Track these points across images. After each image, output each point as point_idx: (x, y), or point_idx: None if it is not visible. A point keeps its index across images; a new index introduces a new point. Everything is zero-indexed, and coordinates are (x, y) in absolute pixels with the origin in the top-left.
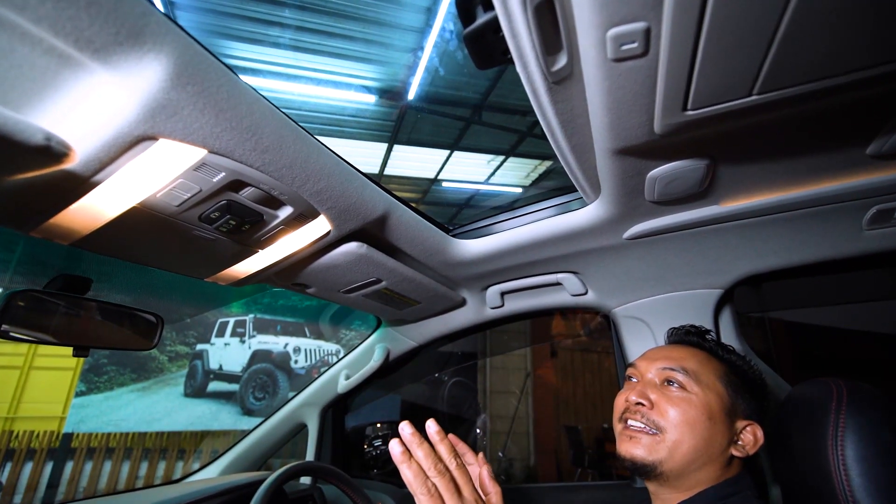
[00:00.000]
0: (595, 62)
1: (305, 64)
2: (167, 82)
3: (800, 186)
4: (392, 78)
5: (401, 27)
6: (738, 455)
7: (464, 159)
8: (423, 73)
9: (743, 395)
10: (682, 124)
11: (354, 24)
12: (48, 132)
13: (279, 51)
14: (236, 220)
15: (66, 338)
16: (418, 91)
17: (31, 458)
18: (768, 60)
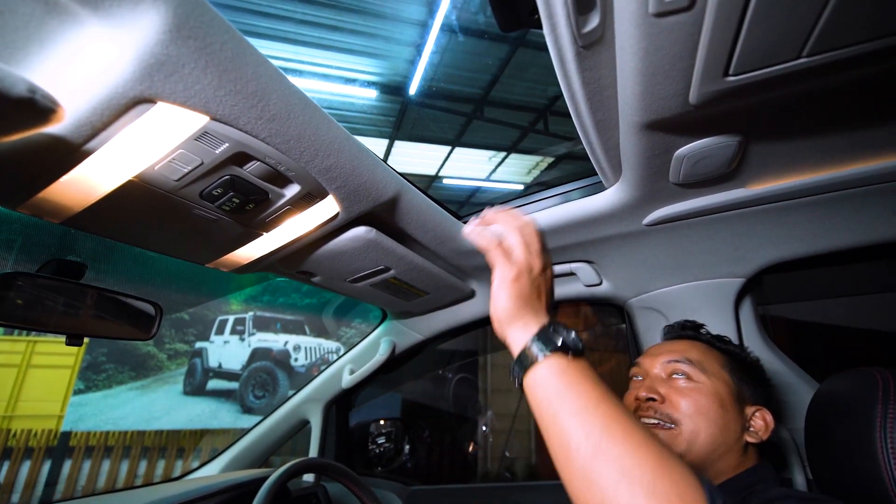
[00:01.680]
0: (633, 19)
1: (305, 58)
2: (166, 35)
3: (832, 167)
4: (393, 72)
5: (402, 20)
6: (752, 441)
7: (465, 156)
8: (424, 67)
9: (746, 381)
10: (720, 93)
11: (355, 17)
12: (31, 83)
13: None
14: (240, 199)
15: (58, 325)
16: (420, 86)
17: (28, 456)
18: (826, 12)
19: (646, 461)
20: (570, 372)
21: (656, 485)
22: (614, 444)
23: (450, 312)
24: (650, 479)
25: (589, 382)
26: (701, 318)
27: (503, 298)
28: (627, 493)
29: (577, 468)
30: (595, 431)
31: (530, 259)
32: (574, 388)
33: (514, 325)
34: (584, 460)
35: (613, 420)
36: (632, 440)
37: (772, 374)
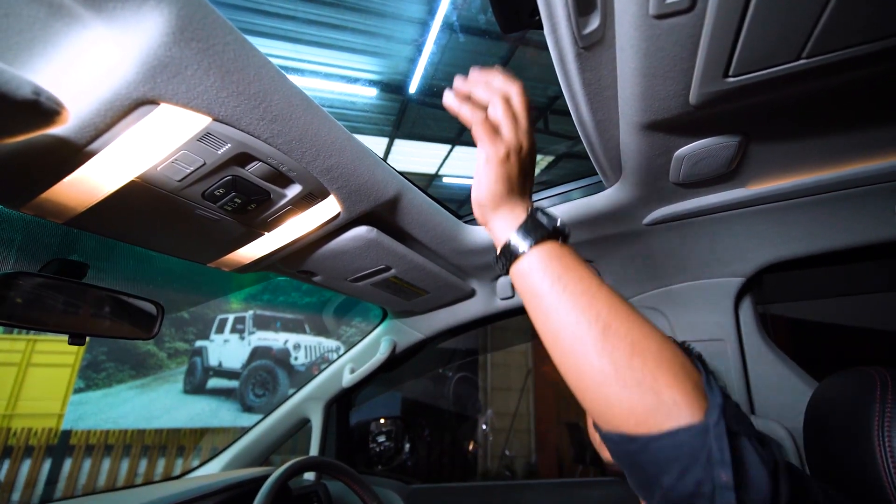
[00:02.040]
0: (633, 20)
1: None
2: (169, 37)
3: (831, 167)
4: (394, 71)
5: (402, 19)
6: None
7: (466, 154)
8: (424, 66)
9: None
10: (721, 94)
11: (355, 15)
12: (37, 85)
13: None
14: (242, 199)
15: (60, 325)
16: (420, 85)
17: (29, 455)
18: (826, 14)
19: (651, 335)
20: (566, 256)
21: (663, 355)
22: (623, 321)
23: (450, 311)
24: (657, 350)
25: (584, 267)
26: (700, 317)
27: (490, 181)
28: (640, 365)
29: (588, 348)
30: (605, 309)
31: (519, 136)
32: (575, 271)
33: (500, 211)
34: (595, 339)
35: (615, 300)
36: (635, 317)
37: (771, 372)
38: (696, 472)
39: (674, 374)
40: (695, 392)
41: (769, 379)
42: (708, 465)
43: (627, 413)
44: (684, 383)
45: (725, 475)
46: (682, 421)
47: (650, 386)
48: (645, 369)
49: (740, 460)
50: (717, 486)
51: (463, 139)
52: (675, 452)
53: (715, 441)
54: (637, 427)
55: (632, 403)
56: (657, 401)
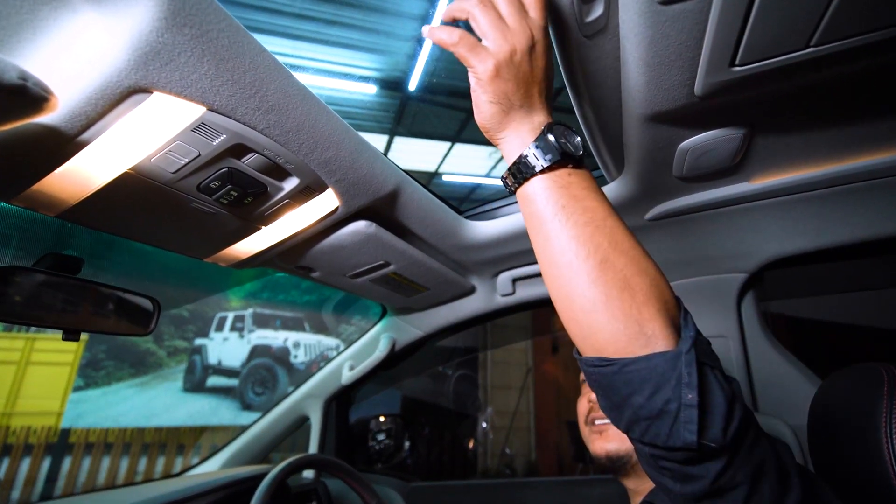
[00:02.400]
0: (638, 7)
1: (304, 53)
2: (161, 23)
3: (837, 161)
4: (393, 68)
5: (402, 15)
6: None
7: (465, 152)
8: (424, 62)
9: None
10: (726, 84)
11: (354, 11)
12: (23, 70)
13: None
14: (238, 192)
15: (54, 320)
16: (420, 81)
17: (28, 453)
18: (834, 2)
19: (645, 272)
20: (574, 184)
21: (652, 292)
22: (620, 255)
23: (450, 308)
24: (648, 287)
25: (592, 196)
26: (703, 313)
27: (483, 105)
28: (630, 298)
29: (582, 277)
30: (605, 242)
31: (511, 39)
32: (582, 202)
33: (505, 132)
34: (591, 269)
35: (617, 233)
36: (633, 252)
37: (774, 369)
38: (665, 391)
39: (657, 309)
40: (672, 326)
41: (772, 376)
42: (677, 386)
43: (610, 340)
44: (665, 318)
45: (691, 395)
46: (658, 349)
47: (635, 318)
48: (633, 303)
49: (705, 385)
50: (683, 404)
51: (463, 136)
52: (649, 374)
53: (685, 367)
54: (616, 353)
55: (615, 332)
56: (639, 331)
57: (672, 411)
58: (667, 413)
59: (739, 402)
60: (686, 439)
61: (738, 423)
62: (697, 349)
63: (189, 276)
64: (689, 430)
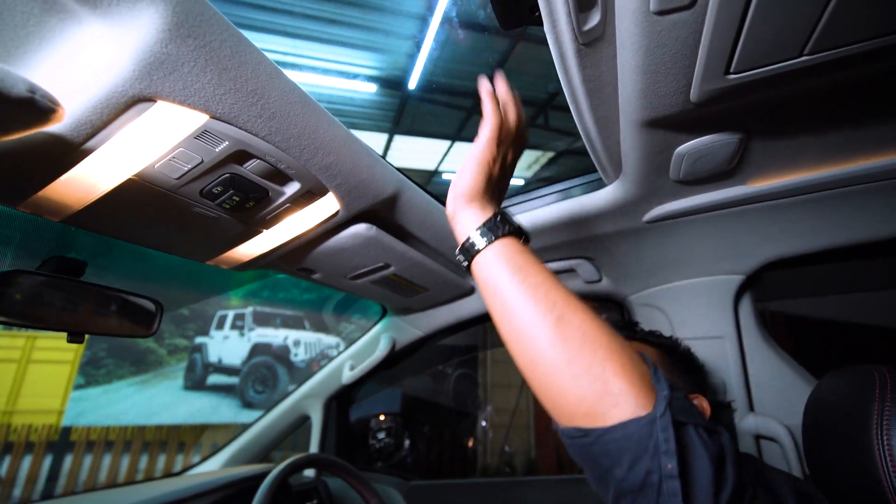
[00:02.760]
0: (634, 17)
1: (303, 52)
2: (165, 34)
3: (832, 164)
4: (393, 67)
5: (402, 14)
6: None
7: (466, 150)
8: (424, 61)
9: (680, 373)
10: (722, 91)
11: (353, 10)
12: (31, 83)
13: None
14: (240, 197)
15: (59, 323)
16: (419, 80)
17: (29, 451)
18: (829, 10)
19: (602, 328)
20: (526, 252)
21: (612, 347)
22: (576, 312)
23: (449, 309)
24: (607, 342)
25: (541, 264)
26: (700, 314)
27: (473, 174)
28: (590, 355)
29: (542, 337)
30: (559, 301)
31: (513, 147)
32: (534, 266)
33: (473, 205)
34: (549, 328)
35: (570, 296)
36: (587, 311)
37: (770, 370)
38: (644, 462)
39: (621, 364)
40: (641, 383)
41: (768, 376)
42: (655, 455)
43: (577, 402)
44: (631, 374)
45: (671, 464)
46: (629, 412)
47: (598, 375)
48: (594, 359)
49: (685, 449)
50: (664, 475)
51: (462, 135)
52: (626, 443)
53: (661, 432)
54: (586, 418)
55: (581, 392)
56: (605, 390)
57: (654, 483)
58: (649, 486)
59: (731, 459)
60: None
61: (731, 490)
62: (673, 408)
63: (191, 278)
64: (674, 503)
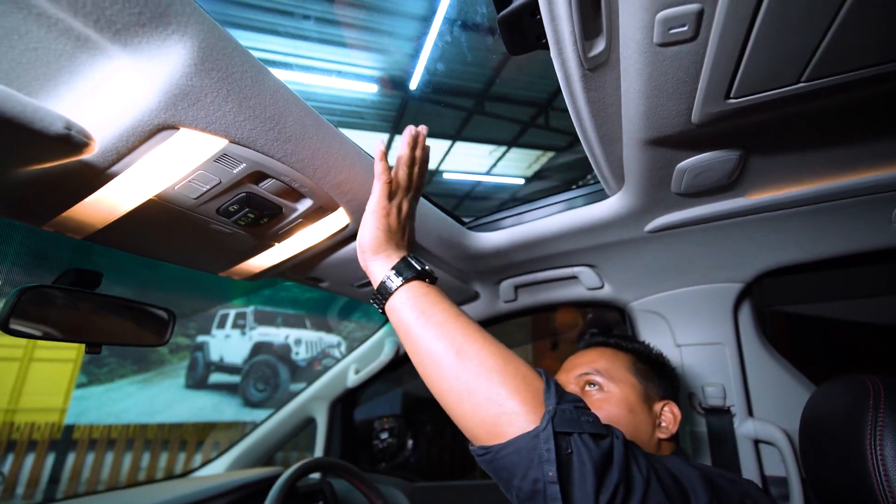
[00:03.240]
0: (638, 47)
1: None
2: (191, 68)
3: (830, 178)
4: (394, 67)
5: (404, 15)
6: (663, 437)
7: (466, 150)
8: (425, 62)
9: (652, 378)
10: (722, 114)
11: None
12: (68, 120)
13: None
14: (255, 214)
15: (77, 334)
16: (421, 81)
17: (32, 449)
18: (824, 43)
19: (497, 354)
20: (431, 294)
21: (507, 371)
22: (472, 344)
23: None
24: (502, 367)
25: (446, 302)
26: (701, 321)
27: (371, 229)
28: (487, 382)
29: (445, 369)
30: (458, 337)
31: (406, 199)
32: (437, 306)
33: (378, 255)
34: (450, 361)
35: (469, 329)
36: (484, 342)
37: (769, 375)
38: (532, 471)
39: (514, 386)
40: (533, 400)
41: (767, 382)
42: (539, 464)
43: (480, 424)
44: (524, 394)
45: (551, 471)
46: (522, 428)
47: (495, 399)
48: (491, 385)
49: (567, 457)
50: (547, 481)
51: (463, 135)
52: (517, 457)
53: (543, 443)
54: (490, 437)
55: (483, 416)
56: (501, 411)
57: (541, 491)
58: (537, 493)
59: (618, 459)
60: None
61: (613, 488)
62: (556, 420)
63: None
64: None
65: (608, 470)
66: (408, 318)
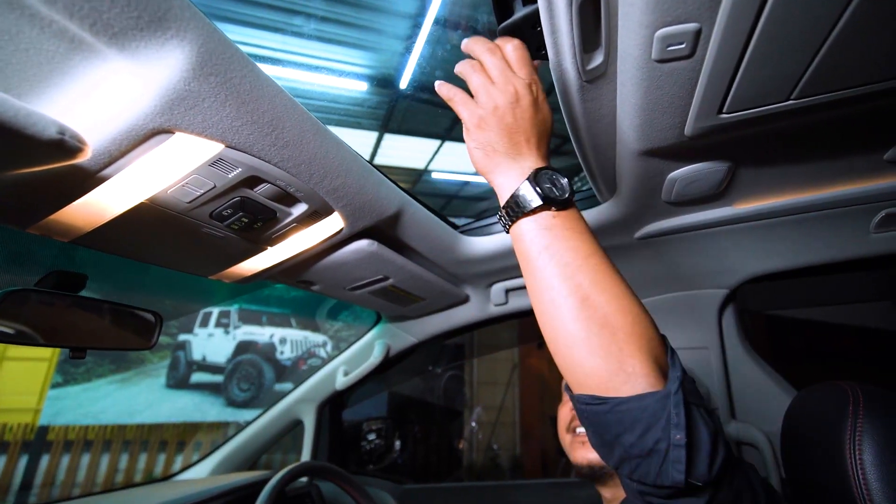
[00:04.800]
0: (636, 62)
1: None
2: (189, 73)
3: (813, 189)
4: (385, 65)
5: (395, 13)
6: None
7: (455, 149)
8: (416, 61)
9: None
10: (714, 127)
11: (346, 8)
12: (61, 125)
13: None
14: (249, 218)
15: (61, 339)
16: (411, 79)
17: (3, 451)
18: (814, 64)
19: (627, 310)
20: (557, 226)
21: (634, 330)
22: (601, 294)
23: (444, 316)
24: (630, 325)
25: (577, 237)
26: (686, 325)
27: (471, 150)
28: (610, 336)
29: (564, 314)
30: (585, 283)
31: (494, 97)
32: (564, 242)
33: (493, 175)
34: (570, 308)
35: (602, 273)
36: (616, 291)
37: (752, 379)
38: (655, 432)
39: (639, 347)
40: (655, 365)
41: (749, 385)
42: (666, 427)
43: (590, 374)
44: (646, 356)
45: (679, 435)
46: (640, 388)
47: (615, 355)
48: (613, 340)
49: (692, 425)
50: (672, 444)
51: (453, 135)
52: (640, 414)
53: (674, 407)
54: (598, 389)
55: (596, 367)
56: (619, 368)
57: (662, 451)
58: (656, 452)
59: (722, 436)
60: (675, 478)
61: (721, 460)
62: (685, 389)
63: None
64: (677, 469)
65: (718, 445)
66: (529, 252)
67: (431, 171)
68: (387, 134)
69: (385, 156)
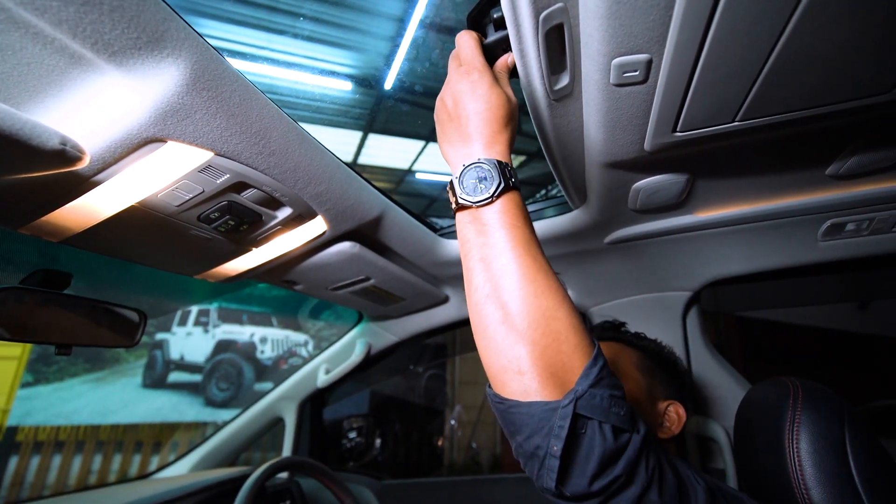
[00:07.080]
0: (597, 85)
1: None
2: (182, 87)
3: (765, 200)
4: (369, 66)
5: (380, 14)
6: (665, 437)
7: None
8: (401, 62)
9: (659, 377)
10: (670, 144)
11: (331, 7)
12: (63, 135)
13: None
14: (235, 221)
15: (46, 336)
16: (395, 80)
17: None
18: (752, 92)
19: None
20: (478, 220)
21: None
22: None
23: (424, 316)
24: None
25: (496, 233)
26: (653, 325)
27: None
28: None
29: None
30: (494, 280)
31: (444, 96)
32: (480, 238)
33: (448, 160)
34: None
35: (514, 273)
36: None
37: (711, 375)
38: (538, 438)
39: (544, 361)
40: (555, 380)
41: (710, 382)
42: (547, 436)
43: (494, 375)
44: (549, 370)
45: (556, 447)
46: (533, 395)
47: (516, 364)
48: (517, 347)
49: (577, 440)
50: (548, 453)
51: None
52: (528, 419)
53: (558, 419)
54: (499, 390)
55: (499, 372)
56: (517, 375)
57: (540, 457)
58: (536, 457)
59: (629, 455)
60: (546, 485)
61: (611, 479)
62: (582, 402)
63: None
64: (549, 477)
65: (614, 462)
66: (462, 240)
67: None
68: (371, 134)
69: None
